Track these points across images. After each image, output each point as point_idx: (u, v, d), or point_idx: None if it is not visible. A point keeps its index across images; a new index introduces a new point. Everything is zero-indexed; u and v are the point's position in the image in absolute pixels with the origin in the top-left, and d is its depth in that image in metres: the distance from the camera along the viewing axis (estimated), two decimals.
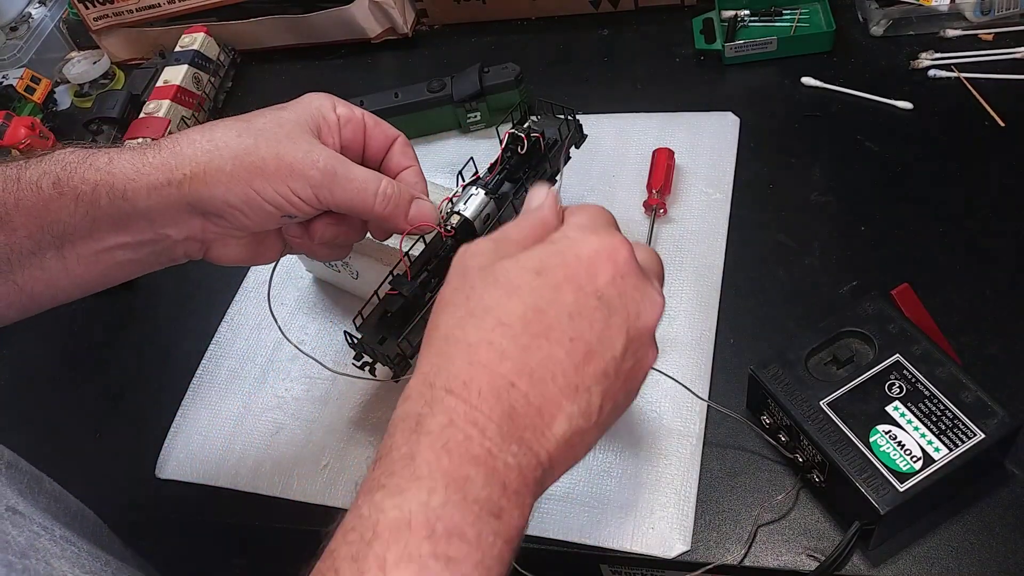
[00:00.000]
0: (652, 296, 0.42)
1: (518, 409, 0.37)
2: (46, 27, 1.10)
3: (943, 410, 0.50)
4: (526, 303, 0.39)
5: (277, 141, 0.49)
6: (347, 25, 0.95)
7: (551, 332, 0.39)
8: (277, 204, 0.49)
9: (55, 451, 0.69)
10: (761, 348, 0.62)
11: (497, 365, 0.37)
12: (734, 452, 0.58)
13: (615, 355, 0.40)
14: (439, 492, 0.34)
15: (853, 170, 0.72)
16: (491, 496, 0.35)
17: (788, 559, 0.53)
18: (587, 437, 0.40)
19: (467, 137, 0.83)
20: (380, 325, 0.53)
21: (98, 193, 0.48)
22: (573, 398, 0.38)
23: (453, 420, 0.36)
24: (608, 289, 0.40)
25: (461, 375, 0.37)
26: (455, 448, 0.35)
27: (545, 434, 0.38)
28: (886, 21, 0.81)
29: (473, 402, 0.37)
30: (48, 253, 0.50)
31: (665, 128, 0.78)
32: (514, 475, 0.36)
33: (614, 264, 0.41)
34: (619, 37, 0.91)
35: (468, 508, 0.34)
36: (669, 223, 0.71)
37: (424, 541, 0.33)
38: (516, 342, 0.38)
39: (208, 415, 0.68)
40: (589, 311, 0.40)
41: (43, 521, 0.45)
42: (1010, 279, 0.62)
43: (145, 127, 0.85)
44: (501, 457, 0.36)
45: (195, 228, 0.51)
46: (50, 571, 0.41)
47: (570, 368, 0.39)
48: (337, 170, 0.50)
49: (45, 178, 0.49)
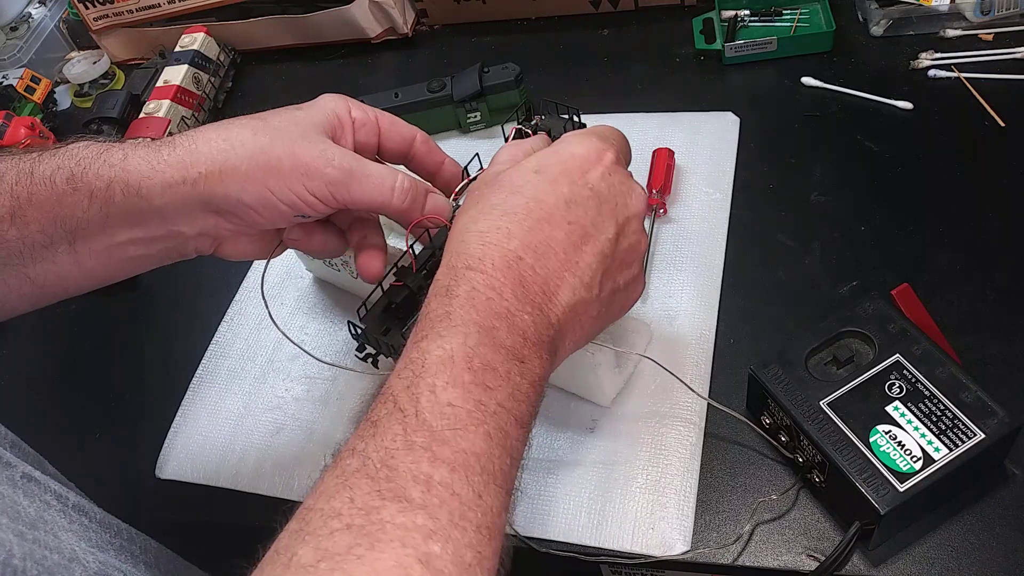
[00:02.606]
0: (636, 189, 0.50)
1: (527, 278, 0.44)
2: (46, 27, 1.10)
3: (943, 410, 0.50)
4: (527, 196, 0.46)
5: (292, 140, 0.49)
6: (347, 25, 0.95)
7: (551, 217, 0.46)
8: (292, 203, 0.49)
9: (55, 451, 0.69)
10: (761, 348, 0.62)
11: (506, 243, 0.44)
12: (734, 452, 0.58)
13: (608, 237, 0.47)
14: (473, 335, 0.41)
15: (853, 170, 0.72)
16: (514, 344, 0.42)
17: (788, 559, 0.53)
18: (590, 309, 0.47)
19: (467, 137, 0.83)
20: (384, 316, 0.53)
21: (112, 190, 0.48)
22: (574, 271, 0.45)
23: (475, 287, 0.43)
24: (599, 183, 0.48)
25: (476, 253, 0.44)
26: (480, 305, 0.42)
27: (552, 300, 0.45)
28: (886, 21, 0.81)
29: (489, 272, 0.43)
30: (60, 247, 0.50)
31: (665, 128, 0.78)
32: (531, 330, 0.43)
33: (603, 163, 0.48)
34: (619, 37, 0.91)
35: (497, 350, 0.41)
36: (669, 223, 0.71)
37: (465, 371, 0.40)
38: (521, 225, 0.45)
39: (208, 415, 0.68)
40: (583, 199, 0.47)
41: (57, 489, 0.46)
42: (1010, 279, 0.62)
43: (145, 127, 0.85)
44: (518, 315, 0.43)
45: (208, 225, 0.51)
46: (58, 544, 0.41)
47: (569, 247, 0.46)
48: (353, 167, 0.50)
49: (59, 173, 0.49)
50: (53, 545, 0.40)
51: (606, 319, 0.50)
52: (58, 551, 0.40)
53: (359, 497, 0.35)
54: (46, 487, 0.45)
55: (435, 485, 0.36)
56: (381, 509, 0.34)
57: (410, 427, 0.37)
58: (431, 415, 0.38)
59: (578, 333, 0.47)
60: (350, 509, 0.35)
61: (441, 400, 0.38)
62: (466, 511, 0.36)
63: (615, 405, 0.60)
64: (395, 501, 0.35)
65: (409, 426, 0.37)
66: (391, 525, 0.34)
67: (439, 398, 0.38)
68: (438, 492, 0.35)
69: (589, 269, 0.46)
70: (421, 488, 0.35)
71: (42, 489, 0.45)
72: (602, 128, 0.53)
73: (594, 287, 0.46)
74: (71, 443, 0.71)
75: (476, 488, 0.37)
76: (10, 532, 0.38)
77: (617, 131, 0.53)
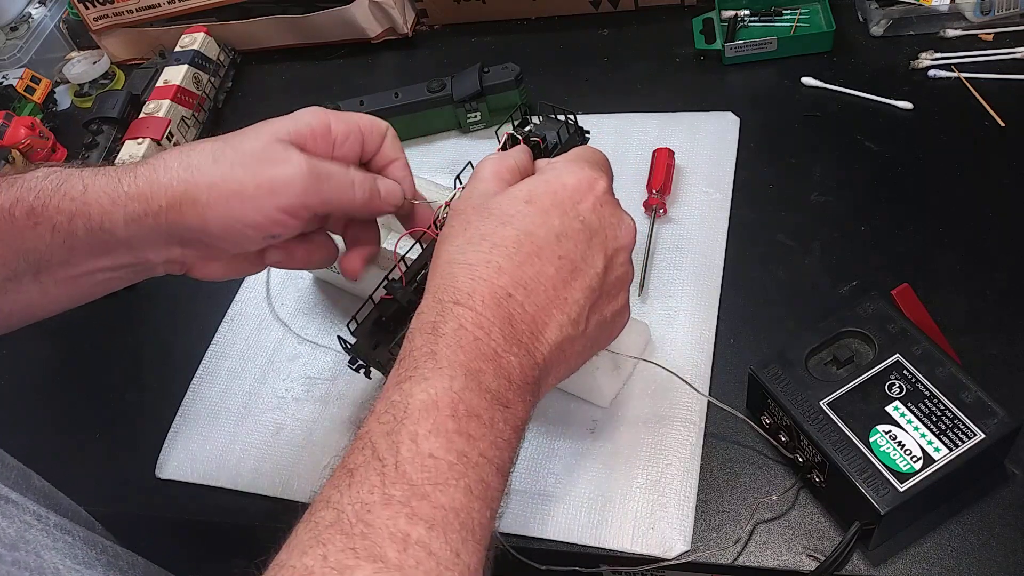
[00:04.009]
0: (626, 220, 0.49)
1: (515, 315, 0.43)
2: (46, 27, 1.10)
3: (943, 410, 0.50)
4: (518, 228, 0.45)
5: (256, 160, 0.48)
6: (347, 25, 0.95)
7: (542, 252, 0.45)
8: (258, 226, 0.48)
9: (54, 451, 0.69)
10: (761, 348, 0.62)
11: (496, 279, 0.43)
12: (734, 452, 0.58)
13: (597, 271, 0.46)
14: (459, 379, 0.40)
15: (853, 170, 0.72)
16: (499, 389, 0.41)
17: (788, 559, 0.53)
18: (575, 345, 0.46)
19: (467, 137, 0.83)
20: (375, 330, 0.53)
21: (75, 224, 0.47)
22: (563, 308, 0.45)
23: (463, 324, 0.42)
24: (590, 215, 0.47)
25: (465, 288, 0.43)
26: (467, 346, 0.41)
27: (540, 339, 0.44)
28: (886, 21, 0.81)
29: (478, 309, 0.42)
30: (24, 279, 0.49)
31: (665, 128, 0.78)
32: (516, 373, 0.42)
33: (594, 193, 0.47)
34: (619, 37, 0.91)
35: (482, 396, 0.40)
36: (669, 223, 0.71)
37: (449, 419, 0.38)
38: (511, 260, 0.44)
39: (208, 415, 0.68)
40: (574, 232, 0.46)
41: (36, 510, 0.45)
42: (1010, 279, 0.62)
43: (145, 127, 0.85)
44: (505, 356, 0.42)
45: (175, 253, 0.50)
46: (40, 564, 0.40)
47: (559, 283, 0.45)
48: (318, 171, 0.49)
49: (18, 206, 0.47)
50: (35, 565, 0.40)
51: (590, 352, 0.49)
52: (39, 571, 0.40)
53: (332, 555, 0.34)
54: (24, 508, 0.44)
55: (412, 544, 0.34)
56: (355, 569, 0.33)
57: (388, 479, 0.36)
58: (411, 467, 0.37)
59: (562, 369, 0.46)
60: (323, 567, 0.34)
61: (423, 450, 0.37)
62: (443, 571, 0.35)
63: (615, 405, 0.60)
64: (370, 561, 0.34)
65: (388, 477, 0.36)
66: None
67: (420, 448, 0.37)
68: (414, 552, 0.34)
69: (577, 305, 0.45)
70: (398, 547, 0.34)
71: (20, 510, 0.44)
72: (591, 153, 0.52)
73: (581, 323, 0.45)
74: (71, 443, 0.71)
75: (454, 546, 0.36)
76: None
77: (603, 156, 0.52)
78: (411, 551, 0.34)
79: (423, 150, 0.83)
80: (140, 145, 0.83)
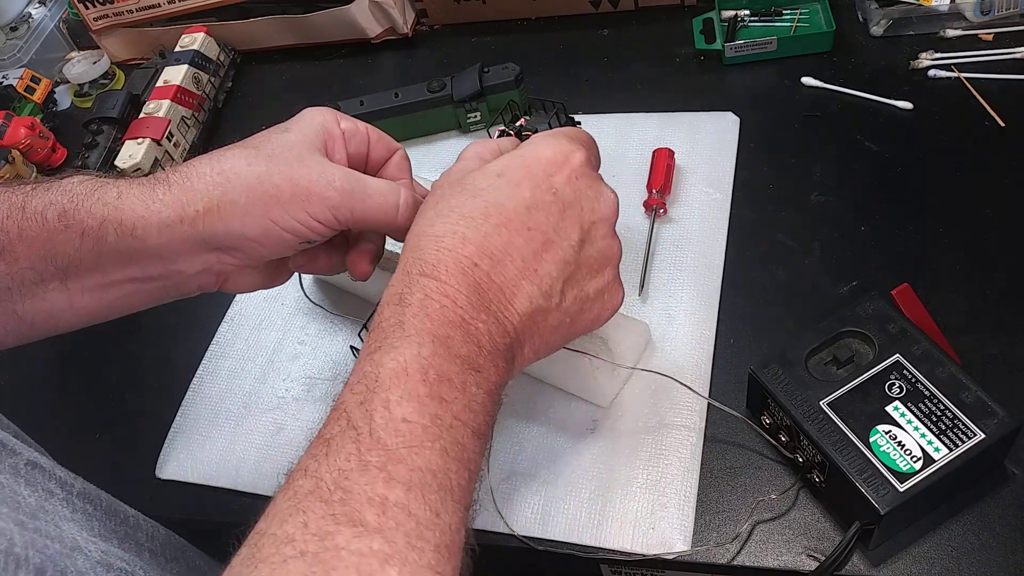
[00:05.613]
0: (605, 193, 0.48)
1: (482, 285, 0.43)
2: (46, 27, 1.10)
3: (943, 410, 0.50)
4: (487, 200, 0.45)
5: (289, 166, 0.48)
6: (347, 25, 0.95)
7: (510, 223, 0.44)
8: (295, 231, 0.48)
9: (54, 451, 0.69)
10: (761, 348, 0.62)
11: (460, 249, 0.43)
12: (734, 452, 0.58)
13: (572, 244, 0.45)
14: (427, 345, 0.40)
15: (853, 170, 0.72)
16: (470, 354, 0.41)
17: (788, 559, 0.53)
18: (550, 318, 0.45)
19: (467, 137, 0.83)
20: None
21: (104, 229, 0.47)
22: (532, 279, 0.44)
23: (428, 294, 0.42)
24: (564, 187, 0.46)
25: (431, 260, 0.43)
26: (434, 314, 0.41)
27: (509, 308, 0.44)
28: (886, 21, 0.81)
29: (443, 279, 0.42)
30: (51, 284, 0.49)
31: (665, 128, 0.78)
32: (486, 339, 0.42)
33: (570, 166, 0.47)
34: (619, 37, 0.91)
35: (453, 360, 0.40)
36: (669, 223, 0.71)
37: (420, 384, 0.39)
38: (477, 230, 0.44)
39: (208, 415, 0.68)
40: (545, 204, 0.45)
41: (63, 476, 0.45)
42: (1010, 279, 0.62)
43: (145, 127, 0.85)
44: (473, 323, 0.42)
45: (210, 262, 0.50)
46: (59, 533, 0.41)
47: (528, 253, 0.44)
48: (355, 188, 0.49)
49: (51, 208, 0.48)
50: (55, 535, 0.40)
51: (574, 328, 0.48)
52: (59, 540, 0.40)
53: (313, 521, 0.34)
54: (51, 474, 0.44)
55: (391, 507, 0.35)
56: (336, 534, 0.34)
57: (364, 446, 0.37)
58: (385, 432, 0.37)
59: (538, 342, 0.46)
60: (304, 534, 0.34)
61: (396, 416, 0.38)
62: (423, 531, 0.35)
63: (615, 405, 0.60)
64: (350, 526, 0.34)
65: (363, 445, 0.37)
66: (346, 552, 0.33)
67: (393, 414, 0.38)
68: (394, 514, 0.35)
69: (549, 277, 0.45)
70: (376, 511, 0.35)
71: (46, 477, 0.44)
72: (572, 129, 0.51)
73: (554, 295, 0.45)
74: (71, 443, 0.70)
75: (433, 507, 0.36)
76: (11, 521, 0.38)
77: (586, 133, 0.51)
78: (390, 513, 0.35)
79: (423, 150, 0.83)
80: (140, 145, 0.83)
